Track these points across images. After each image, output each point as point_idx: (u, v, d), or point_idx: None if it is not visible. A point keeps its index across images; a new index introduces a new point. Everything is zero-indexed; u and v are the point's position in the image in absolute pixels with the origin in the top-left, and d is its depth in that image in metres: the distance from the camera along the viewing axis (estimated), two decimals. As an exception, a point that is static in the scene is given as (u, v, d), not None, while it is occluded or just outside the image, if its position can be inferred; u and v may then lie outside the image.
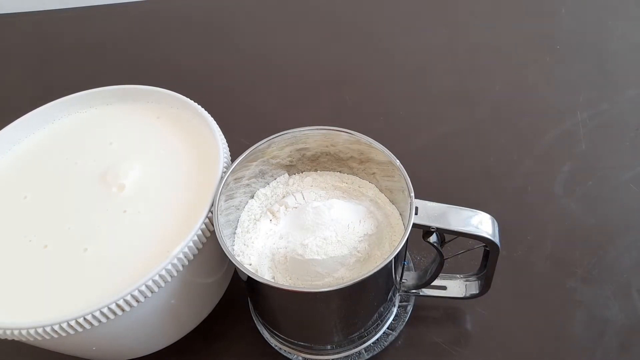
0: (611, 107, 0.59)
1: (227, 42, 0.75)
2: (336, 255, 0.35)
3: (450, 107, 0.61)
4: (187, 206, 0.37)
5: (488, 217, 0.35)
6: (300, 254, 0.35)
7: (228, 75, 0.69)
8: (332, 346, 0.39)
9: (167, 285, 0.33)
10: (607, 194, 0.51)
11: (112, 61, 0.74)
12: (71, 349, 0.36)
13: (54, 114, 0.45)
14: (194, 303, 0.39)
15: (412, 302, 0.43)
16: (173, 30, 0.79)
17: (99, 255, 0.35)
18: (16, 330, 0.31)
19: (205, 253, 0.36)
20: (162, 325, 0.38)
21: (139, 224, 0.37)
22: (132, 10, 0.83)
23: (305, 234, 0.36)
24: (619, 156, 0.54)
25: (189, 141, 0.42)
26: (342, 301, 0.34)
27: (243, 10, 0.81)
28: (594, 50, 0.66)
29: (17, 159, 0.43)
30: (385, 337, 0.41)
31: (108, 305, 0.31)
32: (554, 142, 0.56)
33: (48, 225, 0.38)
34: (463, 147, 0.56)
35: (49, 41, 0.80)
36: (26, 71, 0.75)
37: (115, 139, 0.43)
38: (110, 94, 0.46)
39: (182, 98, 0.44)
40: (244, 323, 0.43)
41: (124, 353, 0.39)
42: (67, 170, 0.41)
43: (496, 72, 0.65)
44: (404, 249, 0.35)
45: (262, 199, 0.42)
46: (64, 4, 0.84)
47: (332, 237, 0.36)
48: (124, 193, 0.39)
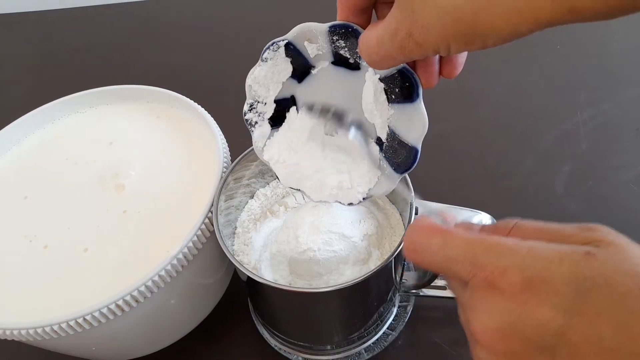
0: (611, 107, 0.59)
1: (227, 42, 0.75)
2: (336, 255, 0.35)
3: (450, 107, 0.61)
4: (187, 206, 0.37)
5: (488, 217, 0.35)
6: (300, 254, 0.35)
7: (228, 75, 0.68)
8: (332, 346, 0.39)
9: (167, 285, 0.33)
10: (607, 194, 0.51)
11: (112, 61, 0.74)
12: (71, 349, 0.36)
13: (54, 114, 0.45)
14: (194, 303, 0.39)
15: (412, 302, 0.43)
16: (173, 30, 0.79)
17: (99, 255, 0.35)
18: (16, 330, 0.31)
19: (205, 253, 0.36)
20: (162, 325, 0.38)
21: (139, 224, 0.37)
22: (132, 10, 0.83)
23: (305, 234, 0.36)
24: (619, 156, 0.54)
25: (189, 141, 0.42)
26: (342, 301, 0.34)
27: (243, 10, 0.81)
28: (594, 50, 0.66)
29: (17, 159, 0.43)
30: (385, 337, 0.41)
31: (108, 306, 0.31)
32: (554, 142, 0.56)
33: (48, 225, 0.38)
34: (463, 147, 0.56)
35: (49, 41, 0.80)
36: (26, 71, 0.75)
37: (115, 139, 0.43)
38: (110, 94, 0.46)
39: (182, 98, 0.44)
40: (244, 323, 0.43)
41: (124, 353, 0.39)
42: (67, 170, 0.41)
43: (496, 72, 0.65)
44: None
45: (262, 199, 0.42)
46: (64, 4, 0.84)
47: (332, 237, 0.36)
48: (124, 193, 0.39)
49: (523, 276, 0.19)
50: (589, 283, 0.18)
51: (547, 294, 0.18)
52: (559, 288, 0.18)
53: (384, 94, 0.30)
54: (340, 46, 0.29)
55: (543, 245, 0.19)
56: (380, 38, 0.23)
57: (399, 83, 0.29)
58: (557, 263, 0.18)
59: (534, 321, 0.18)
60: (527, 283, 0.18)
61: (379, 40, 0.23)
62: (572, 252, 0.19)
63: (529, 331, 0.18)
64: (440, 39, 0.21)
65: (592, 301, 0.17)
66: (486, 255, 0.20)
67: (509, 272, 0.19)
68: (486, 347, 0.20)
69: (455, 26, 0.20)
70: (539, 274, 0.18)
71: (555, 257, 0.18)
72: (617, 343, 0.17)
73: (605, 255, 0.18)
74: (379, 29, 0.23)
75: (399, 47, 0.22)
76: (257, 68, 0.32)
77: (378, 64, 0.25)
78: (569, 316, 0.18)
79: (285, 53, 0.31)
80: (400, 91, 0.29)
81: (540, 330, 0.18)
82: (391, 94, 0.30)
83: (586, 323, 0.17)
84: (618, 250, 0.19)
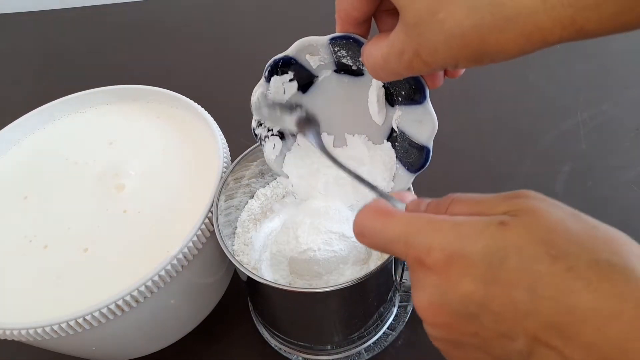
0: (611, 107, 0.59)
1: (227, 42, 0.75)
2: (336, 255, 0.35)
3: (450, 106, 0.61)
4: (187, 206, 0.37)
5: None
6: (300, 253, 0.35)
7: (228, 75, 0.69)
8: (332, 346, 0.39)
9: (167, 285, 0.33)
10: (607, 194, 0.51)
11: (112, 61, 0.74)
12: (71, 349, 0.36)
13: (54, 114, 0.45)
14: (194, 303, 0.39)
15: (412, 302, 0.43)
16: (173, 30, 0.79)
17: (99, 255, 0.35)
18: (16, 330, 0.31)
19: (205, 253, 0.36)
20: (162, 325, 0.38)
21: (139, 224, 0.37)
22: (132, 10, 0.83)
23: (305, 234, 0.36)
24: (619, 156, 0.54)
25: (189, 141, 0.42)
26: (342, 301, 0.34)
27: (243, 10, 0.81)
28: (594, 50, 0.66)
29: (17, 159, 0.43)
30: (385, 337, 0.41)
31: (108, 306, 0.31)
32: (554, 142, 0.56)
33: (48, 225, 0.38)
34: (463, 147, 0.56)
35: (49, 41, 0.80)
36: (26, 71, 0.75)
37: (115, 138, 0.43)
38: (110, 94, 0.46)
39: (182, 98, 0.44)
40: (244, 323, 0.43)
41: (124, 353, 0.39)
42: (67, 170, 0.41)
43: (496, 72, 0.65)
44: (404, 249, 0.35)
45: (262, 199, 0.42)
46: (64, 4, 0.84)
47: (332, 237, 0.36)
48: (124, 193, 0.39)
49: (444, 253, 0.20)
50: (501, 253, 0.19)
51: (466, 268, 0.19)
52: (476, 261, 0.19)
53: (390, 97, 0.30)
54: (342, 55, 0.29)
55: (465, 220, 0.20)
56: (386, 56, 0.24)
57: (405, 86, 0.29)
58: (473, 237, 0.20)
59: (458, 294, 0.19)
60: (448, 259, 0.20)
61: (384, 58, 0.24)
62: (487, 225, 0.20)
63: (455, 304, 0.20)
64: (449, 59, 0.22)
65: (505, 270, 0.19)
66: (416, 236, 0.21)
67: (434, 250, 0.20)
68: (426, 321, 0.21)
69: (464, 49, 0.21)
70: (458, 250, 0.20)
71: (473, 232, 0.20)
72: (528, 305, 0.18)
73: (519, 224, 0.19)
74: (383, 46, 0.24)
75: (407, 66, 0.23)
76: (260, 89, 0.32)
77: (384, 79, 0.26)
78: (487, 287, 0.19)
79: (288, 68, 0.31)
80: (406, 94, 0.29)
81: (464, 302, 0.19)
82: (397, 96, 0.30)
83: (501, 291, 0.19)
84: (533, 218, 0.19)
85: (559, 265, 0.18)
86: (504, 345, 0.19)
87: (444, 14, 0.20)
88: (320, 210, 0.37)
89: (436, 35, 0.21)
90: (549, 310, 0.18)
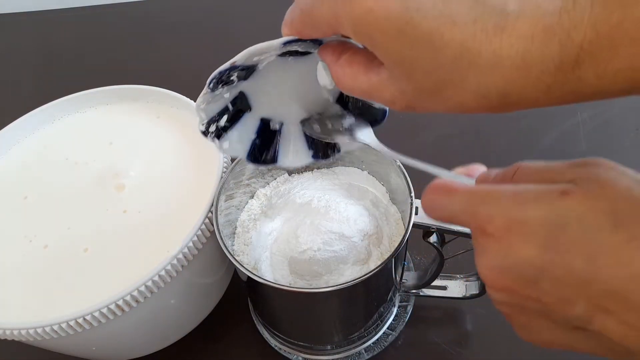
0: (611, 107, 0.59)
1: (227, 42, 0.75)
2: (336, 255, 0.35)
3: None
4: (187, 206, 0.37)
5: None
6: (300, 253, 0.35)
7: (228, 75, 0.69)
8: (332, 346, 0.39)
9: (167, 285, 0.33)
10: (607, 194, 0.51)
11: (112, 61, 0.74)
12: (71, 349, 0.36)
13: (54, 114, 0.45)
14: (194, 303, 0.39)
15: (412, 302, 0.43)
16: (173, 30, 0.79)
17: (99, 255, 0.35)
18: (16, 330, 0.31)
19: (205, 253, 0.36)
20: (162, 325, 0.38)
21: (139, 224, 0.37)
22: (132, 10, 0.83)
23: (305, 234, 0.36)
24: (619, 156, 0.54)
25: (189, 141, 0.42)
26: (342, 301, 0.34)
27: (243, 10, 0.81)
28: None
29: (17, 159, 0.43)
30: (386, 337, 0.41)
31: (108, 306, 0.31)
32: (554, 142, 0.56)
33: (48, 225, 0.38)
34: (463, 147, 0.56)
35: (49, 41, 0.80)
36: (26, 71, 0.75)
37: (115, 138, 0.43)
38: (110, 94, 0.46)
39: (183, 98, 0.44)
40: (244, 323, 0.43)
41: (124, 353, 0.39)
42: (67, 170, 0.41)
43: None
44: (404, 249, 0.35)
45: (262, 199, 0.42)
46: (64, 4, 0.84)
47: (332, 237, 0.36)
48: (124, 193, 0.39)
49: (504, 220, 0.20)
50: (561, 221, 0.19)
51: (526, 234, 0.20)
52: (535, 228, 0.20)
53: None
54: (292, 48, 0.29)
55: (526, 188, 0.21)
56: (369, 94, 0.24)
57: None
58: (533, 205, 0.20)
59: (518, 259, 0.20)
60: (508, 226, 0.20)
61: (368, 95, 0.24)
62: (549, 193, 0.20)
63: (515, 268, 0.20)
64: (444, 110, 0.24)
65: (565, 238, 0.19)
66: (479, 206, 0.22)
67: (495, 218, 0.21)
68: (490, 285, 0.22)
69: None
70: (518, 217, 0.20)
71: (533, 200, 0.20)
72: (588, 274, 0.19)
73: (581, 193, 0.20)
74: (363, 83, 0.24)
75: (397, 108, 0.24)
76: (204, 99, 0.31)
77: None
78: (546, 252, 0.19)
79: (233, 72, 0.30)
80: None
81: (524, 266, 0.20)
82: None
83: (560, 258, 0.19)
84: (597, 187, 0.20)
85: (620, 235, 0.18)
86: (565, 311, 0.20)
87: (451, 93, 0.22)
88: (320, 210, 0.37)
89: (436, 106, 0.23)
90: (608, 279, 0.18)
